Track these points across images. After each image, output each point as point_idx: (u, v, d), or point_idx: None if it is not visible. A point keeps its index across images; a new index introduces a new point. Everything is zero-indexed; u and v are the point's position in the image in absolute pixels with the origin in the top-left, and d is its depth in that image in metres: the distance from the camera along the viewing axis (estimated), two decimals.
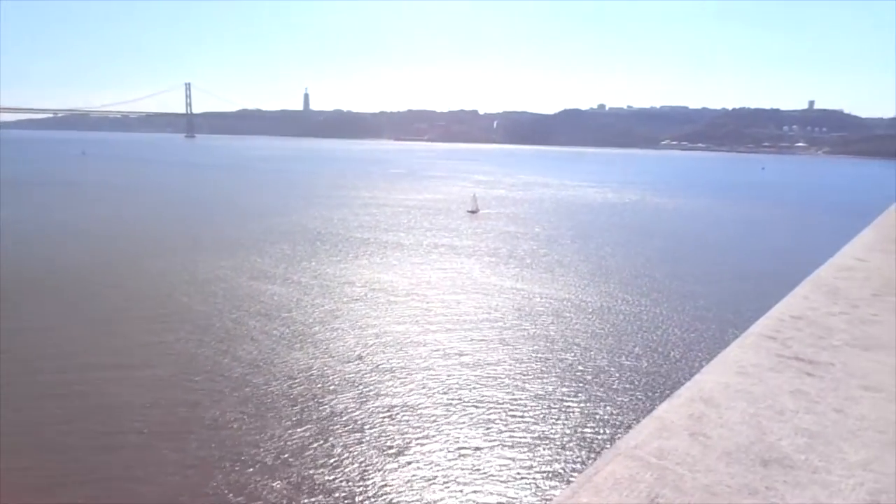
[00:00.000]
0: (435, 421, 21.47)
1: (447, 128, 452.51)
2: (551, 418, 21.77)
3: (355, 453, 19.28)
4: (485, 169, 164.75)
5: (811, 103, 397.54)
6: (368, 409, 22.29)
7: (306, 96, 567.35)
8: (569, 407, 22.65)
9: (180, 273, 40.03)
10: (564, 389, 24.17)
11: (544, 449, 19.70)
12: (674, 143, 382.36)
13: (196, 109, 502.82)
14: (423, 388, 24.13)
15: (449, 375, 25.31)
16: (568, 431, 20.91)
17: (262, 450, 19.37)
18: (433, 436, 20.48)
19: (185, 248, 47.40)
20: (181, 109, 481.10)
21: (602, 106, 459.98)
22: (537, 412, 22.22)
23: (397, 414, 21.91)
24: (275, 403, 22.50)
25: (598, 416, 22.04)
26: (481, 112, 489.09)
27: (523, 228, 62.23)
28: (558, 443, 20.14)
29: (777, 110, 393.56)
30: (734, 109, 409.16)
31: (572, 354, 27.87)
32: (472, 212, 73.00)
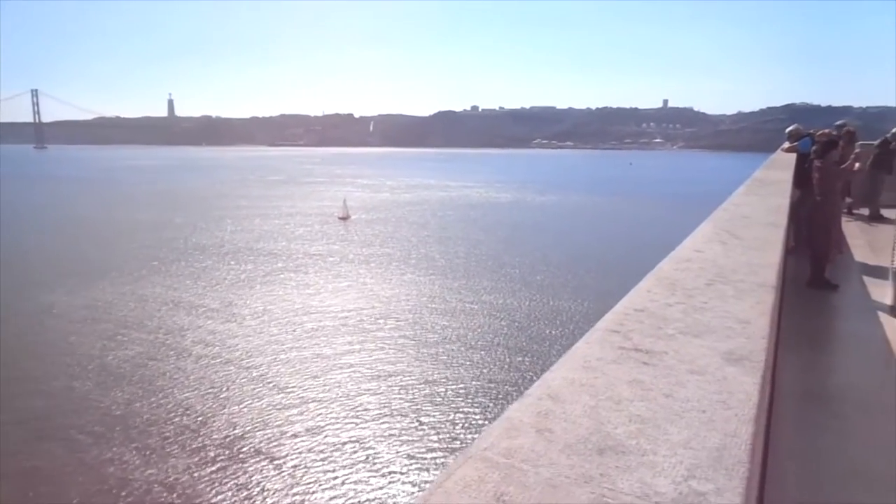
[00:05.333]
0: (282, 429, 21.19)
1: (323, 132, 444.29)
2: (416, 423, 22.04)
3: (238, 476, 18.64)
4: (366, 172, 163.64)
5: (665, 102, 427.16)
6: (233, 425, 21.61)
7: (170, 102, 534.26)
8: (432, 410, 23.02)
9: (49, 303, 36.66)
10: (428, 393, 24.53)
11: (407, 457, 19.86)
12: (544, 142, 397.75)
13: (46, 118, 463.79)
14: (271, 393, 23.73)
15: (300, 380, 25.05)
16: (435, 436, 21.26)
17: (148, 489, 18.25)
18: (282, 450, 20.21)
19: (55, 276, 43.16)
20: (28, 118, 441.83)
21: (475, 107, 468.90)
22: (404, 417, 22.44)
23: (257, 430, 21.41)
24: (165, 437, 21.22)
25: (462, 419, 22.55)
26: (357, 115, 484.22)
27: (397, 231, 62.35)
28: (422, 448, 20.40)
29: (636, 109, 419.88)
30: (598, 109, 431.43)
31: (440, 357, 28.25)
32: (343, 218, 71.33)
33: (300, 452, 19.71)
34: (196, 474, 18.49)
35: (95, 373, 26.14)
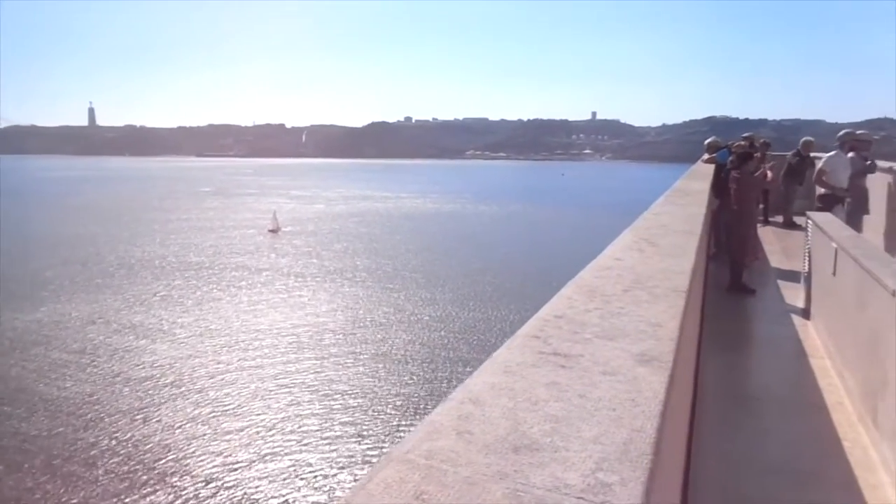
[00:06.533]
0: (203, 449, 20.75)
1: (254, 143, 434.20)
2: (354, 436, 21.94)
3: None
4: (300, 184, 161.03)
5: (594, 114, 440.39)
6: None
7: (91, 110, 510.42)
8: (368, 422, 22.97)
9: None
10: (364, 405, 24.47)
11: (343, 468, 19.76)
12: (478, 153, 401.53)
13: None
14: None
15: (232, 398, 24.60)
16: (372, 448, 21.22)
17: None
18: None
19: None
20: None
21: (409, 118, 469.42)
22: (340, 433, 22.31)
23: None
24: (90, 464, 20.24)
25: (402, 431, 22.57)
26: (289, 125, 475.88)
27: (330, 244, 61.69)
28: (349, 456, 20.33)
29: (566, 121, 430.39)
30: (529, 120, 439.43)
31: (376, 370, 28.19)
32: (273, 230, 69.79)
33: (234, 471, 19.22)
34: (125, 501, 17.74)
35: (12, 398, 24.73)
